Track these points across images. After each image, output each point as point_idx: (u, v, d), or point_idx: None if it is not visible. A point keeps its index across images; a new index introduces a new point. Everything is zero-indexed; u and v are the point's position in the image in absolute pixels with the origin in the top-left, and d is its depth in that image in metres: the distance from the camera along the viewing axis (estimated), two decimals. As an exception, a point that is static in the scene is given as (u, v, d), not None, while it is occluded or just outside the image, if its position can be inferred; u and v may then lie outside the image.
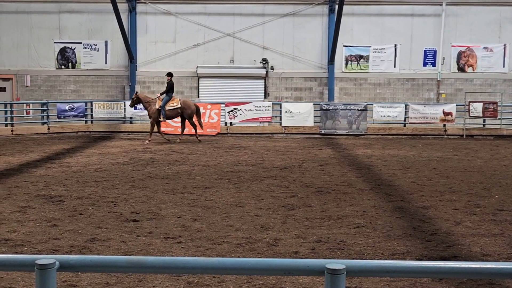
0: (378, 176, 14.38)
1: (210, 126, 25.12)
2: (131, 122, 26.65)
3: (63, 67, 28.81)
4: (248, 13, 28.59)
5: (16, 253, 7.78)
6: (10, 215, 9.98)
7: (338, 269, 3.05)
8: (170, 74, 22.50)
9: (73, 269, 3.31)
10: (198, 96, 28.46)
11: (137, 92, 22.80)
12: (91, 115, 26.29)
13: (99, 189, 12.39)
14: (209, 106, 25.33)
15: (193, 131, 22.63)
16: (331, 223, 9.52)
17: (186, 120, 22.43)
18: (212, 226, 9.31)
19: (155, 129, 22.34)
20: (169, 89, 22.10)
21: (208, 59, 28.76)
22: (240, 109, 25.43)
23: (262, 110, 25.53)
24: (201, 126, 22.77)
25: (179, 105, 22.06)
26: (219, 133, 25.20)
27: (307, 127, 25.61)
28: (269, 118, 25.75)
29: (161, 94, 22.29)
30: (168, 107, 21.93)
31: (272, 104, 26.11)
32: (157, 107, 21.89)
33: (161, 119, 22.08)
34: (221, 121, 25.46)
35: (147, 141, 21.85)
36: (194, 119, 22.50)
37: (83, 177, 13.91)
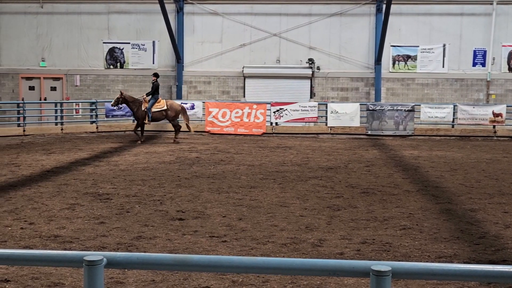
0: (425, 178, 14.19)
1: (256, 126, 25.15)
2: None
3: (111, 67, 29.26)
4: (294, 13, 28.55)
5: (65, 249, 7.93)
6: (59, 212, 10.19)
7: (384, 271, 3.02)
8: (156, 75, 22.20)
9: (120, 266, 3.36)
10: (244, 96, 28.55)
11: (122, 92, 22.15)
12: (139, 114, 26.57)
13: (145, 188, 12.54)
14: (254, 106, 25.36)
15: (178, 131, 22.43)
16: (377, 224, 9.43)
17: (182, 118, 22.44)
18: (257, 225, 9.32)
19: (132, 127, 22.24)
20: (155, 90, 21.75)
21: (254, 59, 28.83)
22: (286, 109, 25.40)
23: (308, 110, 25.45)
24: (189, 128, 22.32)
25: (165, 107, 21.74)
26: (264, 133, 25.23)
27: (353, 127, 25.42)
28: (315, 118, 25.65)
29: (147, 95, 21.85)
30: (154, 109, 21.56)
31: (318, 104, 26.00)
32: (143, 108, 21.48)
33: (146, 121, 21.68)
34: (267, 121, 25.48)
35: (139, 141, 21.62)
36: (184, 121, 22.32)
37: (130, 176, 14.09)
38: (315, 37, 28.54)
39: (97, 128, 25.81)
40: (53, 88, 29.51)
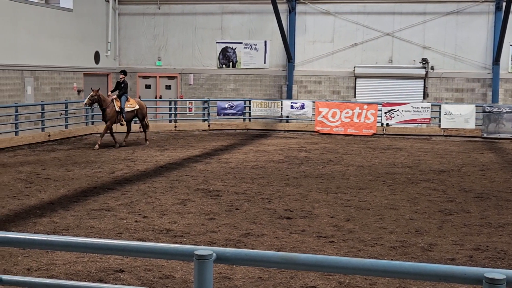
0: (545, 184, 13.51)
1: (366, 127, 24.85)
2: (287, 121, 27.00)
3: (224, 66, 29.81)
4: (408, 12, 27.96)
5: (176, 243, 8.17)
6: (171, 207, 10.51)
7: (498, 279, 2.92)
8: (124, 73, 21.03)
9: (229, 261, 3.42)
10: (355, 96, 28.28)
11: (98, 90, 20.14)
12: (249, 113, 26.95)
13: (254, 186, 12.70)
14: (365, 106, 25.07)
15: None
16: (491, 231, 9.09)
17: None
18: (365, 227, 9.22)
19: (100, 129, 21.22)
20: (126, 89, 20.58)
21: (365, 59, 28.48)
22: (397, 110, 24.94)
23: (420, 111, 24.86)
24: (147, 125, 21.43)
25: (137, 106, 20.75)
26: (374, 134, 24.89)
27: (468, 129, 24.57)
28: (428, 120, 25.02)
29: (112, 91, 20.76)
30: (126, 109, 20.45)
31: (431, 105, 25.34)
32: (116, 109, 20.16)
33: (123, 122, 20.50)
34: (377, 122, 25.11)
35: (97, 146, 19.78)
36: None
37: (239, 173, 14.32)
38: (429, 36, 27.82)
39: (209, 126, 26.38)
40: (168, 87, 30.45)
